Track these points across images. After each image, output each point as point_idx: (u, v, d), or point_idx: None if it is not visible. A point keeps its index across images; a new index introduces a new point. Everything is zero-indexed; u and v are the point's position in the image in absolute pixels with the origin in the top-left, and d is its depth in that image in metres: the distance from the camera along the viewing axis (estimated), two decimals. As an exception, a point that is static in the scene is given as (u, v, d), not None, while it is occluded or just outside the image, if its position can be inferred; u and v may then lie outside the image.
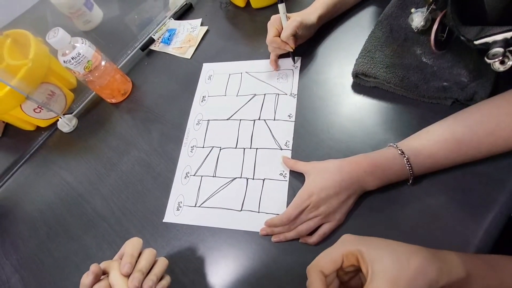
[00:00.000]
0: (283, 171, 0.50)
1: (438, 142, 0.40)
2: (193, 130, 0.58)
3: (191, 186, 0.53)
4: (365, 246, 0.30)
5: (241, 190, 0.50)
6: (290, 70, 0.59)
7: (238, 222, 0.48)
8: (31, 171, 0.65)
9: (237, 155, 0.53)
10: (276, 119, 0.55)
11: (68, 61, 0.55)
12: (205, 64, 0.66)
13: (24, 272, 0.55)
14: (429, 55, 0.49)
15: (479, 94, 0.44)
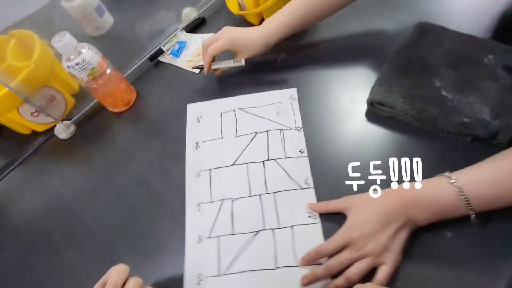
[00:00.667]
0: (311, 212, 0.45)
1: (504, 168, 0.35)
2: (194, 185, 0.51)
3: (208, 251, 0.45)
4: None
5: (270, 244, 0.44)
6: (288, 102, 0.56)
7: (274, 283, 0.41)
8: (22, 177, 0.62)
9: (254, 204, 0.47)
10: (287, 156, 0.50)
11: (72, 66, 0.53)
12: (189, 105, 0.60)
13: (3, 284, 0.51)
14: (448, 88, 0.47)
15: (502, 134, 0.42)
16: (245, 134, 0.54)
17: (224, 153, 0.53)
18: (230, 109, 0.57)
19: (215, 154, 0.53)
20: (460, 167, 0.42)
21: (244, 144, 0.53)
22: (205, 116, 0.58)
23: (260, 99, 0.57)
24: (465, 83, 0.47)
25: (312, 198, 0.46)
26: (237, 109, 0.57)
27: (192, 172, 0.52)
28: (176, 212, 0.50)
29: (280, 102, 0.56)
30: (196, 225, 0.47)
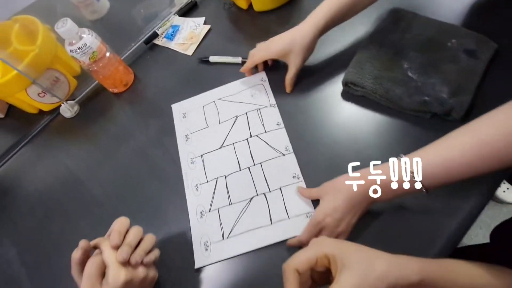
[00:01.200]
0: (294, 173, 0.51)
1: (455, 148, 0.37)
2: (190, 170, 0.57)
3: (210, 222, 0.51)
4: (338, 250, 0.34)
5: (264, 206, 0.50)
6: (260, 84, 0.62)
7: (271, 236, 0.48)
8: (32, 153, 0.68)
9: (244, 176, 0.54)
10: (267, 130, 0.56)
11: (74, 50, 0.58)
12: (173, 105, 0.65)
13: (21, 247, 0.59)
14: (415, 70, 0.53)
15: (456, 111, 0.48)
16: (227, 120, 0.60)
17: (212, 139, 0.59)
18: (210, 101, 0.63)
19: (204, 141, 0.59)
20: (421, 140, 0.48)
21: (228, 128, 0.59)
22: (189, 111, 0.63)
23: (235, 87, 0.63)
24: (429, 65, 0.52)
25: (294, 161, 0.52)
26: (217, 99, 0.63)
27: (186, 160, 0.58)
28: (174, 182, 0.57)
29: (253, 86, 0.62)
30: (196, 203, 0.54)
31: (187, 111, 0.63)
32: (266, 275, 0.46)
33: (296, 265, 0.34)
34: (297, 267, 0.34)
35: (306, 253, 0.35)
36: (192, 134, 0.60)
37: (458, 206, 0.45)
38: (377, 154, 0.50)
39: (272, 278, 0.45)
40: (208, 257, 0.49)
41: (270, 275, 0.45)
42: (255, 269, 0.47)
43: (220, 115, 0.61)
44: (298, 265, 0.34)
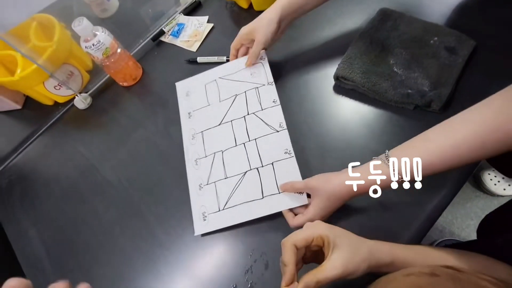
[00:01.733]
0: (286, 149, 0.54)
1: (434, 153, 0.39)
2: (190, 146, 0.61)
3: (208, 195, 0.56)
4: (332, 234, 0.38)
5: (256, 180, 0.54)
6: (259, 63, 0.64)
7: (263, 209, 0.52)
8: (49, 141, 0.74)
9: (240, 151, 0.57)
10: (263, 108, 0.60)
11: (89, 47, 0.63)
12: (178, 83, 0.69)
13: (40, 226, 0.64)
14: (400, 65, 0.58)
15: (435, 102, 0.53)
16: (227, 98, 0.63)
17: (212, 116, 0.63)
18: (212, 79, 0.66)
19: (205, 118, 0.63)
20: (404, 130, 0.55)
21: (227, 106, 0.62)
22: (192, 90, 0.67)
23: (235, 65, 0.66)
24: (413, 61, 0.57)
25: (287, 137, 0.55)
26: (218, 78, 0.66)
27: (188, 137, 0.63)
28: (178, 167, 0.62)
29: (253, 64, 0.64)
30: (195, 177, 0.58)
31: (190, 90, 0.67)
32: (257, 243, 0.52)
33: (295, 241, 0.39)
34: (296, 243, 0.38)
35: (304, 233, 0.39)
36: (194, 112, 0.64)
37: (426, 201, 0.50)
38: (364, 141, 0.56)
39: (262, 246, 0.51)
40: (206, 225, 0.54)
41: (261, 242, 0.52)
42: (247, 237, 0.53)
43: (220, 93, 0.64)
44: (296, 241, 0.39)
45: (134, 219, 0.60)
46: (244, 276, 0.51)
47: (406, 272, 0.34)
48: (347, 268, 0.36)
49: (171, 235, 0.57)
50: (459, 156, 0.38)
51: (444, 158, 0.39)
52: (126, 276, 0.55)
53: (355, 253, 0.38)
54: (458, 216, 1.16)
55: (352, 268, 0.37)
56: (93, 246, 0.60)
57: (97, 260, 0.58)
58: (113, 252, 0.58)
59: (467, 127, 0.38)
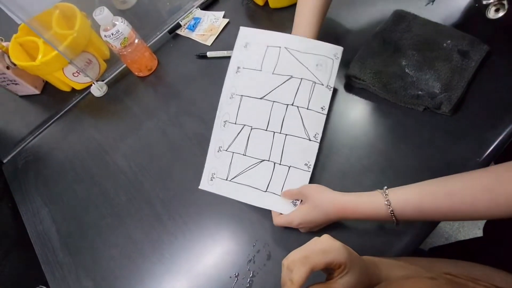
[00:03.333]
0: (308, 161, 0.54)
1: (428, 195, 0.41)
2: (226, 104, 0.58)
3: (223, 160, 0.56)
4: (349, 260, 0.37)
5: (268, 173, 0.54)
6: (331, 59, 0.58)
7: (261, 201, 0.53)
8: (65, 126, 0.76)
9: (267, 137, 0.56)
10: (309, 108, 0.56)
11: (108, 36, 0.66)
12: (242, 28, 0.60)
13: (52, 206, 0.67)
14: (412, 67, 0.58)
15: (445, 104, 0.53)
16: (281, 74, 0.57)
17: (258, 85, 0.58)
18: (276, 45, 0.59)
19: (250, 83, 0.58)
20: (412, 131, 0.55)
21: (277, 83, 0.57)
22: (252, 43, 0.60)
23: (306, 44, 0.58)
24: (425, 63, 0.57)
25: (314, 150, 0.55)
26: (283, 47, 0.58)
27: (227, 93, 0.59)
28: (188, 157, 0.64)
29: (323, 55, 0.58)
30: (219, 137, 0.58)
31: (250, 42, 0.60)
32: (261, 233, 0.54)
33: (314, 265, 0.36)
34: (315, 267, 0.36)
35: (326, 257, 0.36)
36: (244, 69, 0.59)
37: None
38: (372, 140, 0.56)
39: (266, 237, 0.52)
40: (211, 186, 0.56)
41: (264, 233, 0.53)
42: (251, 227, 0.55)
43: (277, 65, 0.58)
44: (316, 265, 0.36)
45: (142, 203, 0.61)
46: (246, 265, 0.52)
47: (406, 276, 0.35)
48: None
49: (177, 221, 0.58)
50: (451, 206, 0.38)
51: (436, 203, 0.40)
52: (132, 259, 0.57)
53: (361, 282, 0.38)
54: (465, 225, 1.15)
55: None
56: (102, 229, 0.62)
57: (104, 242, 0.60)
58: (121, 235, 0.60)
59: (464, 181, 0.39)
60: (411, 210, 0.41)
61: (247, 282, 0.51)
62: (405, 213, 0.42)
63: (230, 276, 0.52)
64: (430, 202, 0.40)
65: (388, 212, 0.42)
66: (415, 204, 0.41)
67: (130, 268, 0.57)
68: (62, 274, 0.60)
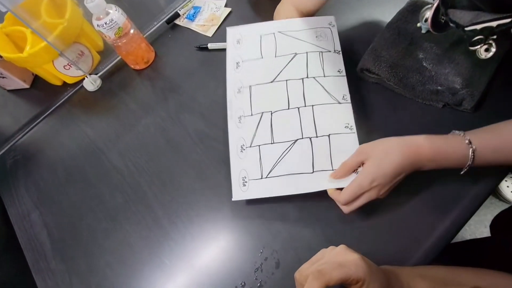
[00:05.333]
0: (347, 123, 0.49)
1: (508, 139, 0.39)
2: (235, 100, 0.54)
3: (250, 158, 0.50)
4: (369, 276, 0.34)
5: (308, 151, 0.48)
6: (328, 28, 0.58)
7: (313, 185, 0.46)
8: (56, 122, 0.72)
9: (292, 115, 0.51)
10: (326, 75, 0.53)
11: (101, 25, 0.61)
12: (229, 28, 0.60)
13: (43, 209, 0.63)
14: (430, 60, 0.54)
15: (467, 101, 0.49)
16: (285, 55, 0.56)
17: (264, 71, 0.55)
18: (269, 32, 0.58)
19: (255, 72, 0.56)
20: (430, 130, 0.50)
21: (283, 63, 0.55)
22: (244, 38, 0.59)
23: (299, 24, 0.58)
24: (444, 56, 0.53)
25: (349, 111, 0.50)
26: (277, 32, 0.58)
27: (233, 89, 0.55)
28: (188, 155, 0.59)
29: (319, 27, 0.58)
30: (238, 136, 0.52)
31: (242, 37, 0.59)
32: (268, 239, 0.50)
33: (329, 281, 0.33)
34: (329, 283, 0.33)
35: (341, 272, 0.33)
36: (244, 63, 0.57)
37: (451, 207, 0.47)
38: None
39: (273, 243, 0.49)
40: (246, 192, 0.48)
41: (272, 239, 0.49)
42: (257, 232, 0.51)
43: (277, 48, 0.57)
44: (330, 281, 0.33)
45: (140, 206, 0.57)
46: (253, 274, 0.48)
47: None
48: None
49: (177, 224, 0.54)
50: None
51: None
52: (129, 265, 0.54)
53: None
54: (472, 223, 1.12)
55: None
56: (97, 233, 0.57)
57: (100, 248, 0.56)
58: (117, 239, 0.56)
59: None
60: (491, 151, 0.39)
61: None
62: (485, 155, 0.39)
63: (236, 285, 0.48)
64: (508, 145, 0.38)
65: (469, 151, 0.39)
66: (496, 145, 0.39)
67: (127, 275, 0.53)
68: (54, 281, 0.56)
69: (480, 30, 0.36)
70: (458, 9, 0.39)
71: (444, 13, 0.40)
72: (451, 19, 0.39)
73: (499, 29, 0.34)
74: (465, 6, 0.39)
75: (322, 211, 0.50)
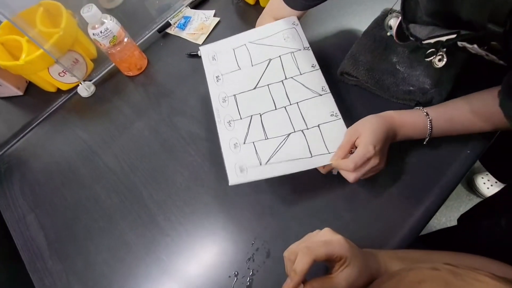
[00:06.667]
0: (332, 111, 0.53)
1: (457, 109, 0.48)
2: (222, 108, 0.57)
3: (246, 152, 0.52)
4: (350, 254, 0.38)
5: (302, 141, 0.51)
6: (293, 28, 0.61)
7: (314, 163, 0.49)
8: (50, 127, 0.74)
9: (281, 114, 0.54)
10: (301, 73, 0.57)
11: (97, 34, 0.64)
12: (201, 47, 0.64)
13: (39, 211, 0.64)
14: (403, 63, 0.59)
15: (436, 99, 0.55)
16: (261, 62, 0.60)
17: (244, 80, 0.59)
18: (240, 44, 0.62)
19: (237, 82, 0.59)
20: (405, 125, 0.56)
21: (261, 70, 0.59)
22: (218, 54, 0.63)
23: (266, 30, 0.63)
24: (415, 59, 0.59)
25: (331, 101, 0.54)
26: (248, 43, 0.62)
27: (218, 100, 0.58)
28: (182, 156, 0.62)
29: (285, 29, 0.62)
30: (229, 137, 0.54)
31: (216, 53, 0.63)
32: (259, 231, 0.53)
33: (317, 256, 0.36)
34: (317, 258, 0.36)
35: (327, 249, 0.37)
36: (224, 76, 0.60)
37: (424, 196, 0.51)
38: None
39: (264, 234, 0.52)
40: (244, 176, 0.49)
41: (263, 230, 0.52)
42: (249, 225, 0.54)
43: (252, 58, 0.61)
44: (318, 256, 0.36)
45: (136, 205, 0.60)
46: (245, 264, 0.51)
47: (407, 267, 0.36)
48: (352, 286, 0.37)
49: (172, 221, 0.57)
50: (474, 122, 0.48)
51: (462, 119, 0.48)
52: (126, 262, 0.56)
53: (362, 275, 0.38)
54: (452, 219, 1.18)
55: (356, 286, 0.38)
56: (93, 232, 0.59)
57: (97, 246, 0.58)
58: (114, 238, 0.58)
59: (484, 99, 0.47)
60: (444, 121, 0.49)
61: (247, 281, 0.50)
62: (440, 124, 0.48)
63: (229, 275, 0.51)
64: (458, 115, 0.48)
65: (427, 121, 0.48)
66: (449, 115, 0.49)
67: (124, 271, 0.55)
68: (52, 281, 0.57)
69: (433, 44, 0.41)
70: (418, 24, 0.44)
71: (405, 28, 0.45)
72: (412, 33, 0.44)
73: (448, 43, 0.39)
74: (424, 21, 0.43)
75: (308, 203, 0.54)
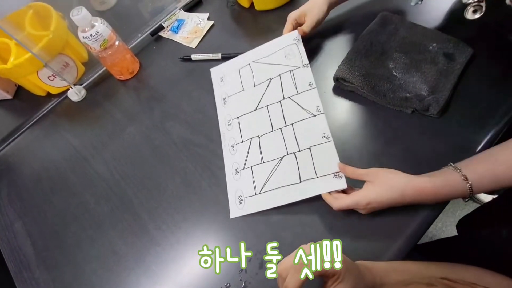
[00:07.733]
0: (324, 133, 0.53)
1: (503, 165, 0.41)
2: (227, 132, 0.61)
3: (244, 179, 0.56)
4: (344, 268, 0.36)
5: (293, 165, 0.53)
6: (294, 44, 0.63)
7: (300, 193, 0.51)
8: (40, 132, 0.72)
9: (277, 136, 0.57)
10: (299, 92, 0.58)
11: (87, 37, 0.62)
12: (212, 69, 0.69)
13: (27, 219, 0.62)
14: (399, 69, 0.58)
15: (433, 106, 0.53)
16: (262, 82, 0.62)
17: (247, 101, 0.62)
18: (245, 64, 0.66)
19: (240, 104, 0.62)
20: (401, 133, 0.55)
21: (262, 90, 0.62)
22: (226, 75, 0.67)
23: (269, 48, 0.65)
24: (412, 65, 0.58)
25: (324, 121, 0.54)
26: (251, 62, 0.65)
27: (224, 123, 0.62)
28: (174, 163, 0.61)
29: (287, 46, 0.63)
30: (232, 162, 0.58)
31: (224, 75, 0.67)
32: (252, 241, 0.51)
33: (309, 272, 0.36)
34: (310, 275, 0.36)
35: None
36: (230, 97, 0.64)
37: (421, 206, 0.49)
38: (362, 142, 0.56)
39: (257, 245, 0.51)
40: (242, 209, 0.54)
41: (255, 241, 0.51)
42: (241, 236, 0.52)
43: (255, 78, 0.63)
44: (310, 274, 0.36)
45: (126, 213, 0.58)
46: (238, 275, 0.50)
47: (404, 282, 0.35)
48: None
49: (163, 230, 0.55)
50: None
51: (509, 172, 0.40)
52: (116, 272, 0.54)
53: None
54: (448, 224, 1.17)
55: None
56: (82, 241, 0.58)
57: (86, 255, 0.57)
58: (103, 247, 0.56)
59: None
60: (488, 181, 0.42)
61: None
62: (482, 186, 0.42)
63: (221, 287, 0.50)
64: (504, 171, 0.41)
65: (467, 187, 0.42)
66: (492, 175, 0.41)
67: (114, 282, 0.53)
68: (38, 291, 0.55)
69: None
70: None
71: None
72: None
73: None
74: None
75: (302, 214, 0.52)
